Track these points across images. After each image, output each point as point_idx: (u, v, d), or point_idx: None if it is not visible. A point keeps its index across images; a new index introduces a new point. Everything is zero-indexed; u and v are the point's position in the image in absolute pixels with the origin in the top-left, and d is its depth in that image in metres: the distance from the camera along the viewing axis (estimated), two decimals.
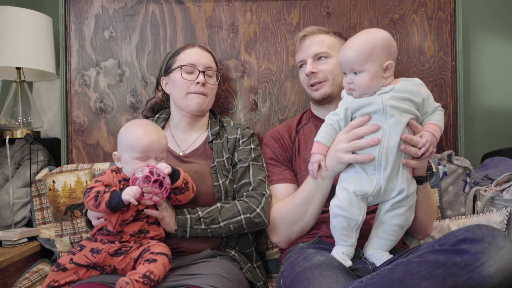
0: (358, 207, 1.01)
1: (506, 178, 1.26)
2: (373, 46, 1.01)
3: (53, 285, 1.02)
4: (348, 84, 1.05)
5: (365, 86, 1.02)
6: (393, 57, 1.04)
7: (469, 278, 0.76)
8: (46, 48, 1.61)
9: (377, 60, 1.01)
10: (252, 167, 1.29)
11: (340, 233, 1.04)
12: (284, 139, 1.35)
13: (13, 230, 1.43)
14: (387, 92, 1.01)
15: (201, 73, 1.30)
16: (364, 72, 1.01)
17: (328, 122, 1.08)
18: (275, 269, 1.43)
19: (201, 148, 1.33)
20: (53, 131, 1.78)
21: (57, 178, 1.47)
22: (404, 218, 1.05)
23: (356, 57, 1.01)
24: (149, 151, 1.08)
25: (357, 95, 1.04)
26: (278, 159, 1.33)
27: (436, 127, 1.03)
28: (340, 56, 1.05)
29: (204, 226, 1.15)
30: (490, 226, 0.83)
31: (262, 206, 1.21)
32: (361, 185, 1.01)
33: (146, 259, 1.01)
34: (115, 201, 1.02)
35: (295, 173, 1.31)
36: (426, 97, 1.04)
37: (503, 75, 1.80)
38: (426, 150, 1.00)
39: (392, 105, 0.99)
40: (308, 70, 1.28)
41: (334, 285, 0.87)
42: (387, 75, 1.03)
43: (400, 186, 1.01)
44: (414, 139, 1.00)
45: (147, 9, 1.62)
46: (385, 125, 1.00)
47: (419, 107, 1.04)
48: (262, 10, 1.61)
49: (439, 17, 1.60)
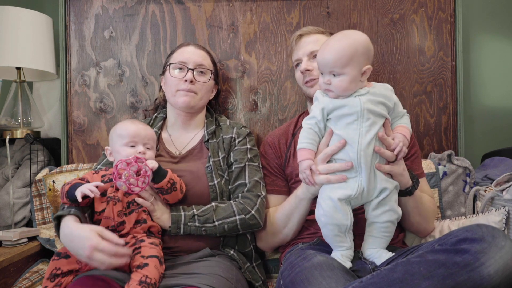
0: (343, 211, 1.02)
1: (506, 178, 1.26)
2: (354, 51, 1.01)
3: (56, 272, 1.02)
4: (325, 85, 1.05)
5: (343, 88, 1.03)
6: (370, 62, 1.06)
7: (469, 277, 0.76)
8: (46, 48, 1.61)
9: (357, 64, 1.02)
10: (248, 168, 1.28)
11: (334, 240, 1.05)
12: (280, 145, 1.36)
13: (13, 230, 1.43)
14: (363, 94, 1.03)
15: (190, 70, 1.29)
16: (343, 75, 1.02)
17: (306, 127, 1.08)
18: (275, 269, 1.43)
19: (197, 148, 1.32)
20: (53, 131, 1.78)
21: (57, 178, 1.47)
22: (392, 213, 1.06)
23: (337, 60, 1.01)
24: (136, 136, 1.14)
25: (333, 96, 1.05)
26: (270, 168, 1.34)
27: (407, 130, 1.07)
28: (320, 57, 1.05)
29: (198, 223, 1.15)
30: (490, 226, 0.83)
31: (257, 208, 1.21)
32: (344, 190, 1.02)
33: (138, 265, 1.00)
34: (72, 192, 1.05)
35: (290, 177, 1.31)
36: (396, 102, 1.08)
37: (503, 75, 1.80)
38: (400, 149, 1.03)
39: (369, 108, 1.02)
40: (303, 67, 1.29)
41: (334, 285, 0.87)
42: (364, 79, 1.05)
43: (380, 185, 1.03)
44: (388, 140, 1.03)
45: (147, 9, 1.62)
46: (361, 127, 1.01)
47: (390, 111, 1.07)
48: (262, 10, 1.61)
49: (439, 17, 1.60)
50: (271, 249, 1.33)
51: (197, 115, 1.37)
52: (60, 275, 1.02)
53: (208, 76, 1.34)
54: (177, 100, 1.30)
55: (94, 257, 0.95)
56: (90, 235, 0.97)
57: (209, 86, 1.35)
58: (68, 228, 1.03)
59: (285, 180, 1.33)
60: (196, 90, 1.30)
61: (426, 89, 1.60)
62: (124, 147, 1.14)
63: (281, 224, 1.23)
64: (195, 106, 1.32)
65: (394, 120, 1.09)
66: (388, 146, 1.04)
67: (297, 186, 1.28)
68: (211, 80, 1.36)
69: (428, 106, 1.60)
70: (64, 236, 1.02)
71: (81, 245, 0.97)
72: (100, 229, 1.01)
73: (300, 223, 1.22)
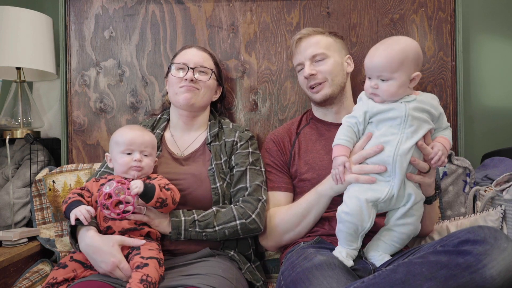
0: (367, 213, 1.01)
1: (506, 178, 1.26)
2: (405, 56, 1.01)
3: (52, 282, 1.03)
4: (371, 89, 1.05)
5: (391, 93, 1.02)
6: (419, 68, 1.05)
7: (471, 279, 0.76)
8: (46, 48, 1.61)
9: (406, 70, 1.02)
10: (250, 172, 1.28)
11: (346, 238, 1.04)
12: (284, 142, 1.35)
13: (13, 230, 1.43)
14: (410, 101, 1.03)
15: (190, 69, 1.30)
16: (392, 80, 1.02)
17: (346, 124, 1.08)
18: (275, 269, 1.43)
19: (200, 150, 1.32)
20: (53, 131, 1.78)
21: (57, 178, 1.47)
22: (413, 228, 1.06)
23: (387, 65, 1.01)
24: (132, 144, 1.14)
25: (379, 101, 1.05)
26: (276, 165, 1.33)
27: (447, 141, 1.06)
28: (369, 61, 1.05)
29: (198, 229, 1.15)
30: (493, 228, 0.83)
31: (258, 212, 1.21)
32: (374, 191, 1.02)
33: (138, 265, 1.00)
34: (67, 214, 1.07)
35: (295, 176, 1.31)
36: (442, 113, 1.07)
37: (503, 75, 1.80)
38: (439, 158, 1.02)
39: (413, 115, 1.01)
40: (307, 72, 1.28)
41: (335, 285, 0.87)
42: (412, 85, 1.04)
43: (407, 191, 1.03)
44: (427, 149, 1.02)
45: (147, 9, 1.62)
46: (403, 133, 1.01)
47: (434, 121, 1.06)
48: (262, 10, 1.61)
49: (439, 17, 1.60)
50: (276, 248, 1.30)
51: (199, 116, 1.37)
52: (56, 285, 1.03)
53: (209, 75, 1.34)
54: (178, 98, 1.30)
55: (115, 273, 1.02)
56: (113, 252, 1.03)
57: (210, 85, 1.35)
58: (89, 238, 1.05)
59: (290, 177, 1.32)
60: (198, 86, 1.31)
61: (426, 89, 1.60)
62: (121, 154, 1.15)
63: (296, 221, 1.21)
64: (196, 103, 1.31)
65: (436, 132, 1.08)
66: (427, 155, 1.03)
67: (301, 185, 1.28)
68: (212, 79, 1.35)
69: None
70: (87, 247, 1.05)
71: (105, 260, 1.02)
72: (120, 239, 1.06)
73: (315, 221, 1.21)
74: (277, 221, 1.24)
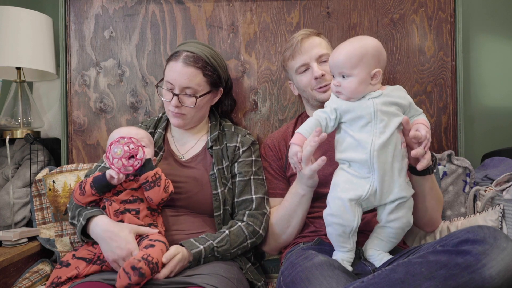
0: (352, 213, 1.01)
1: (506, 178, 1.26)
2: (364, 52, 1.02)
3: (56, 281, 1.04)
4: (335, 87, 1.06)
5: (352, 90, 1.03)
6: (381, 66, 1.05)
7: (471, 279, 0.76)
8: (46, 48, 1.61)
9: (366, 66, 1.02)
10: (254, 182, 1.28)
11: (337, 240, 1.05)
12: (280, 146, 1.35)
13: (13, 230, 1.43)
14: (376, 97, 1.03)
15: (175, 96, 1.23)
16: (352, 76, 1.03)
17: (315, 117, 1.07)
18: (275, 269, 1.43)
19: (201, 154, 1.30)
20: (53, 131, 1.78)
21: (57, 178, 1.47)
22: (405, 221, 1.06)
23: (346, 61, 1.02)
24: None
25: (344, 98, 1.05)
26: (272, 170, 1.34)
27: (426, 121, 1.07)
28: (331, 59, 1.07)
29: (217, 254, 1.14)
30: (492, 227, 0.83)
31: (264, 226, 1.24)
32: (355, 190, 1.02)
33: (144, 246, 1.04)
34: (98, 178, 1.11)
35: (291, 180, 1.31)
36: (411, 102, 1.08)
37: (503, 75, 1.80)
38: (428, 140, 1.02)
39: (382, 110, 1.01)
40: (319, 72, 1.26)
41: (335, 285, 0.87)
42: (374, 82, 1.05)
43: (399, 194, 1.02)
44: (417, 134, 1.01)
45: (147, 9, 1.62)
46: (375, 129, 1.01)
47: (405, 111, 1.07)
48: (262, 10, 1.61)
49: (439, 17, 1.60)
50: (277, 251, 1.33)
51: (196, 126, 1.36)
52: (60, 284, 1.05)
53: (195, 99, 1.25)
54: (170, 119, 1.30)
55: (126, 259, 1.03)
56: (129, 239, 1.06)
57: (199, 105, 1.27)
58: (106, 225, 1.09)
59: (286, 182, 1.33)
60: (184, 112, 1.26)
61: (426, 89, 1.60)
62: None
63: (284, 224, 1.23)
64: (187, 125, 1.31)
65: (411, 119, 1.08)
66: (418, 139, 1.01)
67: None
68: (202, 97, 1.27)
69: (428, 106, 1.60)
70: (103, 232, 1.08)
71: (121, 245, 1.05)
72: (135, 227, 1.10)
73: (303, 219, 1.22)
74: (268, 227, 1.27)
